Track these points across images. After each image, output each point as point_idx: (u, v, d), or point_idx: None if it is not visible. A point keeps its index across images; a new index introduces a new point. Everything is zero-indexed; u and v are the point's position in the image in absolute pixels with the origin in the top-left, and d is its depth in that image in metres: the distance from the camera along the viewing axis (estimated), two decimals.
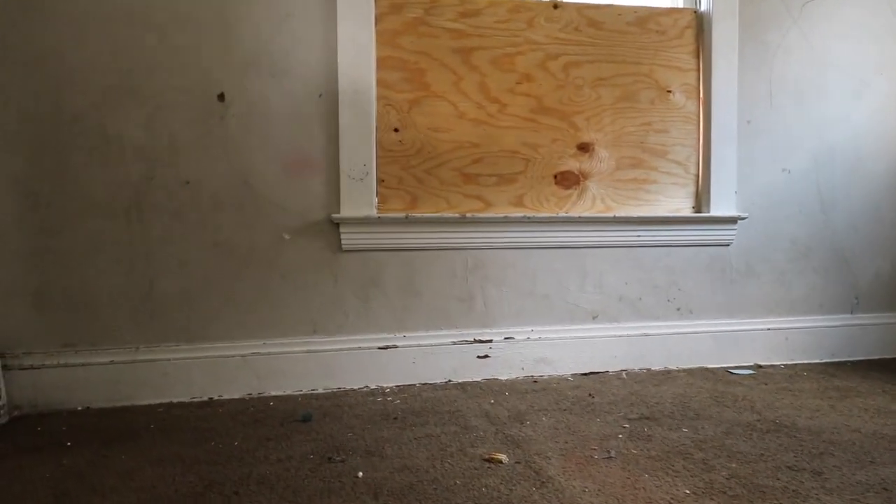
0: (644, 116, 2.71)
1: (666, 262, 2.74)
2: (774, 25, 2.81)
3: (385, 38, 2.48)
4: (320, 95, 2.39)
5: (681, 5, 2.79)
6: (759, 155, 2.81)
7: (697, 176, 2.77)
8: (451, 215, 2.50)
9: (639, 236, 2.69)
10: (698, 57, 2.76)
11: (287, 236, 2.39)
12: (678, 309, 2.76)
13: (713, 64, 2.72)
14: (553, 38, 2.62)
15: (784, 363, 2.84)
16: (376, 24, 2.46)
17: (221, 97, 2.32)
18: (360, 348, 2.46)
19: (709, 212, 2.74)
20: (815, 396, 2.33)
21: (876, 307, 2.95)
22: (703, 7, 2.75)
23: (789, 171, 2.84)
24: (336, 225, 2.42)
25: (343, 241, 2.42)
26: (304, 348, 2.41)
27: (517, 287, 2.61)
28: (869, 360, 2.90)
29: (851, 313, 2.92)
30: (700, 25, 2.75)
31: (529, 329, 2.61)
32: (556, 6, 2.62)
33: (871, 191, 2.94)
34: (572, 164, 2.65)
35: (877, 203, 2.94)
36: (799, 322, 2.86)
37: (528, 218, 2.56)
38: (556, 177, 2.63)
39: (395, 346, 2.49)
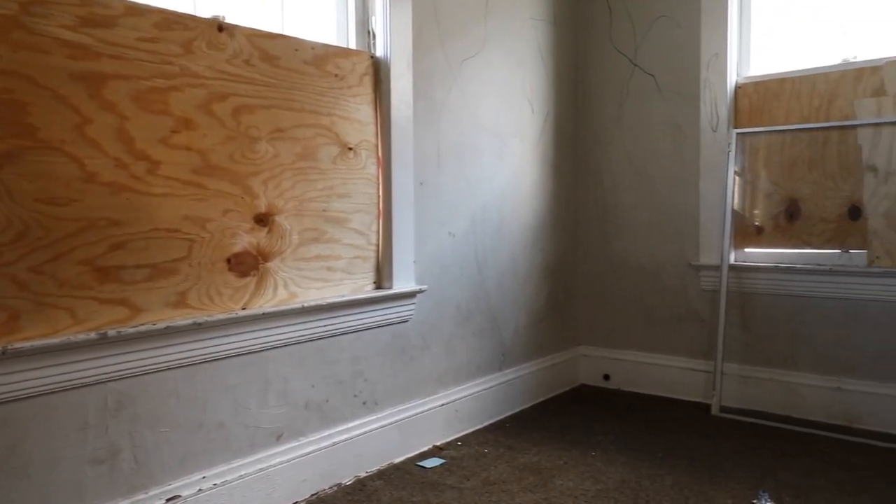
0: (326, 179, 2.21)
1: (351, 351, 2.31)
2: (440, 81, 2.62)
3: None
4: None
5: (354, 46, 2.36)
6: (430, 219, 2.60)
7: (378, 246, 2.41)
8: (81, 337, 1.59)
9: (326, 326, 2.19)
10: (377, 109, 2.38)
11: None
12: (364, 403, 2.37)
13: (392, 119, 2.38)
14: (219, 71, 1.90)
15: (458, 437, 2.72)
16: None
17: None
18: None
19: (391, 287, 2.41)
20: (517, 486, 2.23)
21: (517, 360, 3.08)
22: (380, 52, 2.37)
23: (454, 235, 2.72)
24: None
25: None
26: None
27: (182, 422, 1.84)
28: (521, 412, 3.01)
29: (500, 370, 2.98)
30: (377, 73, 2.37)
31: (200, 476, 1.88)
32: (220, 28, 1.90)
33: (512, 249, 3.03)
34: (249, 242, 1.99)
35: (515, 260, 3.05)
36: (464, 390, 2.77)
37: (199, 324, 1.82)
38: (229, 261, 1.94)
39: None
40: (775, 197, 2.91)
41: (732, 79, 2.99)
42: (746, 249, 3.00)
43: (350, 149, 2.28)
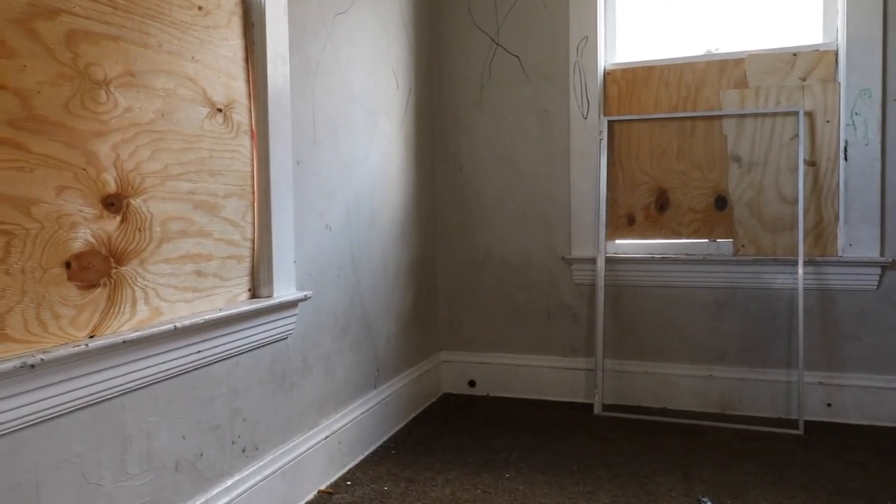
0: (193, 149, 1.60)
1: (229, 383, 1.72)
2: (314, 36, 2.11)
3: None
4: None
5: None
6: (307, 208, 2.08)
7: (254, 242, 1.84)
8: None
9: (199, 353, 1.59)
10: (248, 62, 1.81)
11: None
12: (244, 451, 1.78)
13: (268, 76, 1.83)
14: None
15: (345, 473, 2.23)
16: None
17: None
18: None
19: (270, 295, 1.85)
20: None
21: (390, 373, 2.65)
22: None
23: (331, 228, 2.22)
24: None
25: None
26: None
27: None
28: (399, 433, 2.58)
29: (375, 387, 2.53)
30: (247, 14, 1.80)
31: None
32: None
33: (384, 245, 2.60)
34: (97, 236, 1.32)
35: (386, 257, 2.63)
36: (344, 417, 2.29)
37: (27, 366, 1.14)
38: (68, 265, 1.26)
39: None
40: (645, 187, 2.86)
41: (602, 64, 2.89)
42: (617, 241, 2.93)
43: (219, 111, 1.69)
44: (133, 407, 1.41)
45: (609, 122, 2.86)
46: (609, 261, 2.86)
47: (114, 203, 1.36)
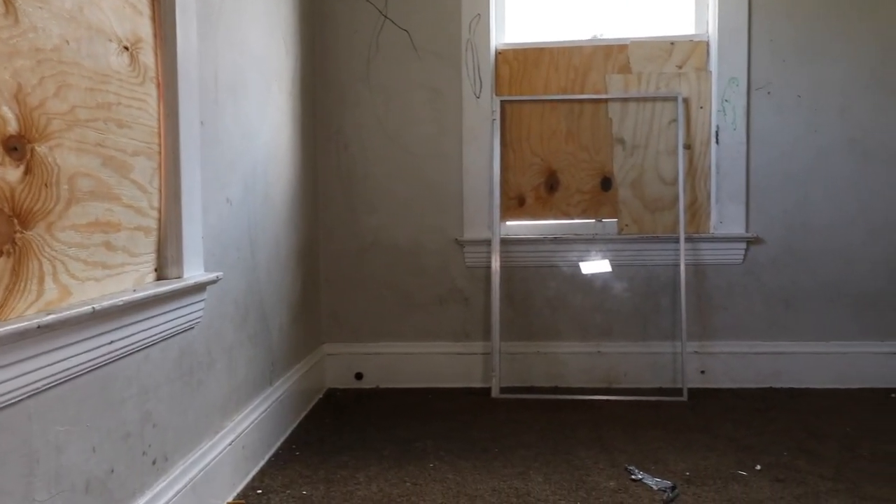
0: (100, 91, 1.29)
1: (139, 382, 1.42)
2: None
3: None
4: None
5: None
6: (211, 176, 1.80)
7: (161, 212, 1.54)
8: None
9: (111, 342, 1.28)
10: None
11: None
12: (154, 463, 1.48)
13: (176, 14, 1.54)
14: None
15: (250, 480, 1.96)
16: None
17: None
18: None
19: (180, 276, 1.57)
20: None
21: (283, 368, 2.40)
22: None
23: (231, 203, 1.94)
24: None
25: None
26: None
27: None
28: (295, 433, 2.33)
29: (271, 384, 2.28)
30: None
31: None
32: None
33: (276, 225, 2.35)
34: None
35: (279, 239, 2.37)
36: (246, 418, 2.02)
37: None
38: None
39: None
40: (536, 168, 2.88)
41: (494, 43, 2.86)
42: (508, 222, 2.91)
43: (126, 48, 1.38)
44: (40, 414, 1.10)
45: (502, 101, 2.84)
46: (502, 242, 2.84)
47: (16, 148, 1.04)
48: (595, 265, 2.81)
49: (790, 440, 2.25)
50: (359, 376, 2.94)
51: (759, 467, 2.04)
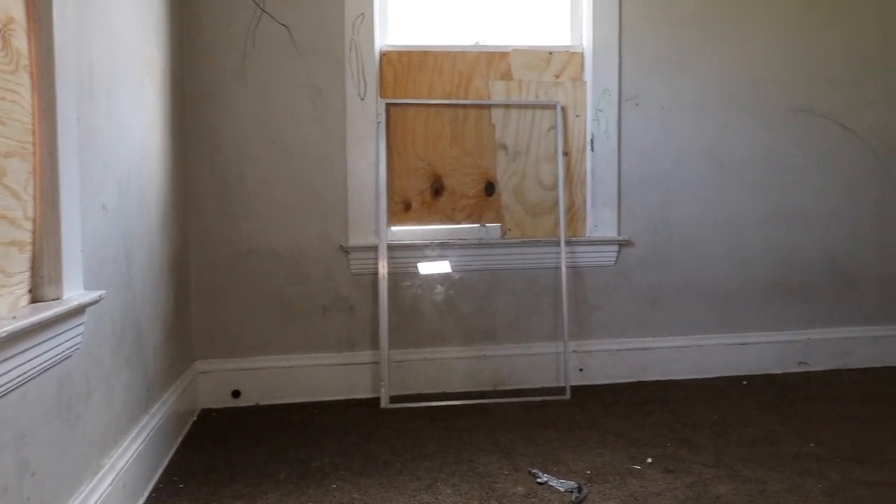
0: None
1: (16, 426, 1.20)
2: None
3: None
4: None
5: None
6: (86, 180, 1.57)
7: (35, 222, 1.32)
8: None
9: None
10: None
11: None
12: None
13: None
14: None
15: None
16: None
17: None
18: None
19: (59, 296, 1.36)
20: None
21: (157, 391, 2.17)
22: None
23: (107, 209, 1.72)
24: None
25: None
26: None
27: None
28: (174, 462, 2.11)
29: (147, 410, 2.05)
30: None
31: None
32: None
33: (151, 233, 2.12)
34: None
35: (152, 249, 2.14)
36: (125, 451, 1.79)
37: None
38: None
39: None
40: (421, 172, 2.85)
41: (378, 44, 2.78)
42: (394, 227, 2.86)
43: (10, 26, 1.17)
44: None
45: (387, 104, 2.77)
46: (389, 248, 2.78)
47: None
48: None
49: (669, 431, 2.40)
50: (236, 394, 2.74)
51: (649, 460, 2.15)
